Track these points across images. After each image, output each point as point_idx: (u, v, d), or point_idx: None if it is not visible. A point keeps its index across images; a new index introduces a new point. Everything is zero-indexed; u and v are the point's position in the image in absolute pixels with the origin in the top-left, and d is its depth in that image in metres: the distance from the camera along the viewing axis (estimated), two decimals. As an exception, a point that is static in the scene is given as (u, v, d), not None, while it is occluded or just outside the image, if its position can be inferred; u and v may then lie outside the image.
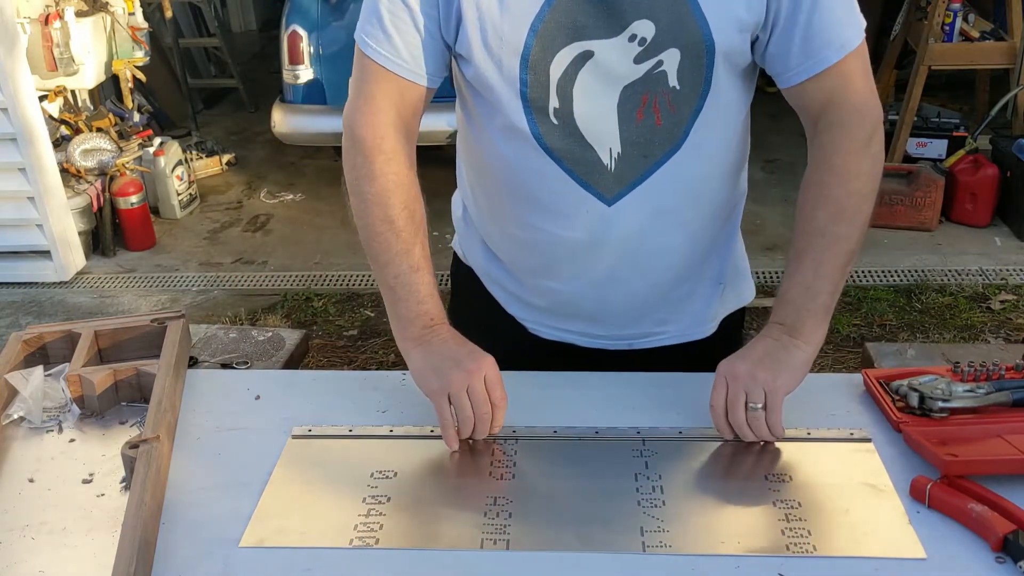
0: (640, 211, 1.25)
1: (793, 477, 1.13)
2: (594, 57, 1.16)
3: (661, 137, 1.21)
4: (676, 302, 1.39)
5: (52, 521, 1.10)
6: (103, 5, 4.48)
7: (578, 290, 1.35)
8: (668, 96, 1.18)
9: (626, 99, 1.18)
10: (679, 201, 1.27)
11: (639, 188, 1.24)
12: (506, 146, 1.25)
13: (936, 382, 1.23)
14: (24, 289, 4.04)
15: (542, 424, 1.25)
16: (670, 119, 1.20)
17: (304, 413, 1.29)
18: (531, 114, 1.20)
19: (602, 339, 1.41)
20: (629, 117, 1.19)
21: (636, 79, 1.17)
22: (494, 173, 1.31)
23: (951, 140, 4.30)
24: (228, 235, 4.54)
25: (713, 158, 1.28)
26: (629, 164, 1.22)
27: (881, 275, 3.83)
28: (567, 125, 1.20)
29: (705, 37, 1.15)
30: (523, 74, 1.17)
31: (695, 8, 1.14)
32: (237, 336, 2.12)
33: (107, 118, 4.45)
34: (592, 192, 1.24)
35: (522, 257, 1.38)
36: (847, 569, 0.99)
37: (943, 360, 1.80)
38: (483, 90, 1.23)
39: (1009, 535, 0.99)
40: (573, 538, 1.05)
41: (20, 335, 1.41)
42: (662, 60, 1.16)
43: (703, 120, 1.22)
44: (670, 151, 1.22)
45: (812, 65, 1.19)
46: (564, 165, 1.23)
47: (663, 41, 1.15)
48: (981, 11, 4.74)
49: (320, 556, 1.03)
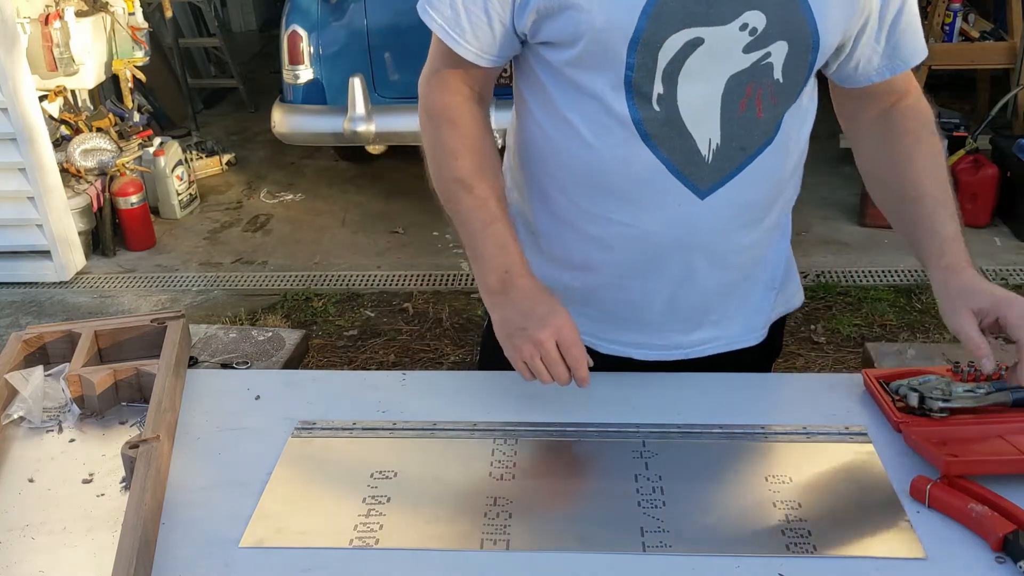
0: (729, 206, 1.25)
1: (793, 477, 1.13)
2: (704, 44, 1.14)
3: (759, 129, 1.22)
4: (736, 305, 1.37)
5: (52, 521, 1.10)
6: (103, 5, 4.48)
7: (654, 288, 1.32)
8: (771, 88, 1.19)
9: (731, 89, 1.18)
10: (765, 196, 1.29)
11: (732, 181, 1.23)
12: (595, 136, 1.22)
13: (936, 382, 1.23)
14: (24, 289, 4.04)
15: (542, 424, 1.25)
16: (770, 112, 1.21)
17: (304, 413, 1.29)
18: (632, 99, 1.18)
19: (661, 350, 1.38)
20: (732, 107, 1.19)
21: (743, 69, 1.17)
22: (578, 168, 1.26)
23: (951, 140, 4.30)
24: (228, 235, 4.55)
25: (793, 152, 1.30)
26: (726, 156, 1.22)
27: (881, 275, 3.83)
28: (669, 112, 1.18)
29: (812, 33, 1.16)
30: (630, 58, 1.15)
31: (804, 3, 1.15)
32: (237, 336, 2.12)
33: (107, 118, 4.45)
34: (686, 183, 1.22)
35: (593, 257, 1.32)
36: (847, 569, 0.99)
37: (943, 360, 1.80)
38: (580, 75, 1.20)
39: (1009, 535, 0.99)
40: (573, 538, 1.05)
41: (20, 335, 1.41)
42: (770, 52, 1.16)
43: (792, 114, 1.24)
44: (764, 144, 1.23)
45: (895, 66, 1.28)
46: (660, 154, 1.20)
47: (773, 33, 1.15)
48: (981, 11, 4.74)
49: (320, 556, 1.03)
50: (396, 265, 4.14)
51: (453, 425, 1.25)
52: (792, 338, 3.43)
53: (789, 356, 3.32)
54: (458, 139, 1.28)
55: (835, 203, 4.44)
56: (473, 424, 1.25)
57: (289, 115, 4.38)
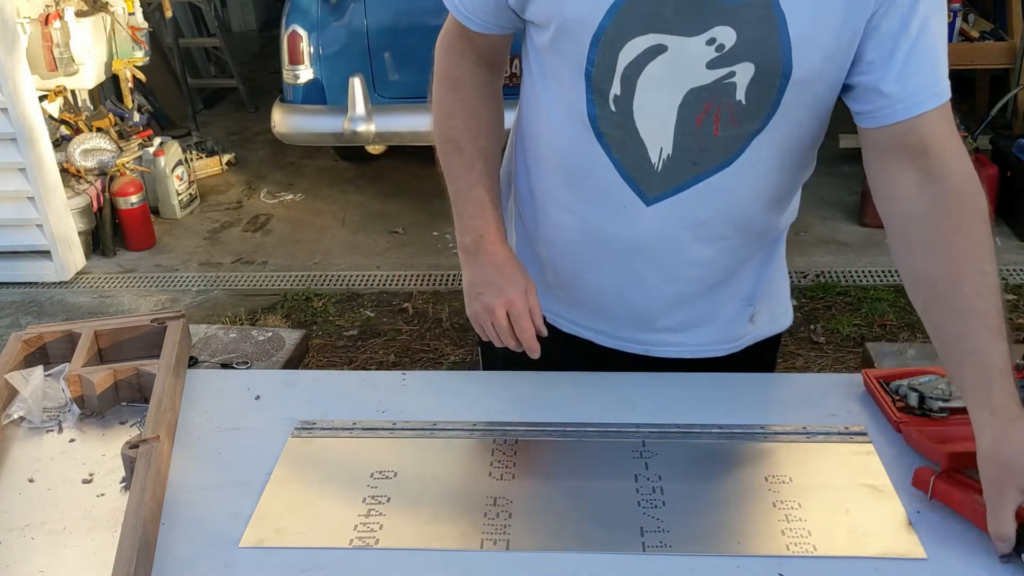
0: (676, 218, 1.23)
1: (793, 477, 1.13)
2: (667, 52, 1.12)
3: (715, 148, 1.18)
4: (699, 315, 1.36)
5: (52, 521, 1.10)
6: (103, 5, 4.48)
7: (601, 283, 1.33)
8: (732, 109, 1.14)
9: (689, 102, 1.15)
10: (718, 216, 1.24)
11: (681, 195, 1.21)
12: (563, 123, 1.23)
13: (936, 382, 1.23)
14: (24, 289, 4.04)
15: (542, 424, 1.25)
16: (729, 132, 1.16)
17: (304, 413, 1.29)
18: (591, 95, 1.18)
19: (619, 340, 1.40)
20: (688, 121, 1.16)
21: (704, 84, 1.13)
22: (547, 149, 1.29)
23: (951, 140, 4.30)
24: (228, 235, 4.55)
25: (763, 181, 1.23)
26: (677, 168, 1.20)
27: (881, 275, 3.83)
28: (623, 115, 1.17)
29: (784, 60, 1.10)
30: (591, 54, 1.14)
31: (783, 27, 1.08)
32: (237, 336, 2.12)
33: (107, 118, 4.45)
34: (633, 187, 1.22)
35: (555, 238, 1.35)
36: (847, 569, 0.99)
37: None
38: (551, 61, 1.21)
39: (1018, 528, 0.98)
40: (573, 538, 1.05)
41: (20, 335, 1.41)
42: (734, 71, 1.12)
43: (762, 142, 1.18)
44: (721, 165, 1.19)
45: (905, 108, 1.13)
46: (611, 154, 1.21)
47: (740, 52, 1.10)
48: (981, 11, 4.74)
49: (320, 556, 1.03)
50: (396, 265, 4.14)
51: (453, 425, 1.25)
52: (792, 338, 3.44)
53: (789, 356, 3.32)
54: (456, 100, 1.32)
55: (835, 203, 4.44)
56: (473, 424, 1.25)
57: (289, 115, 4.38)
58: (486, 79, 1.34)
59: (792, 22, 1.08)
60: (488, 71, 1.34)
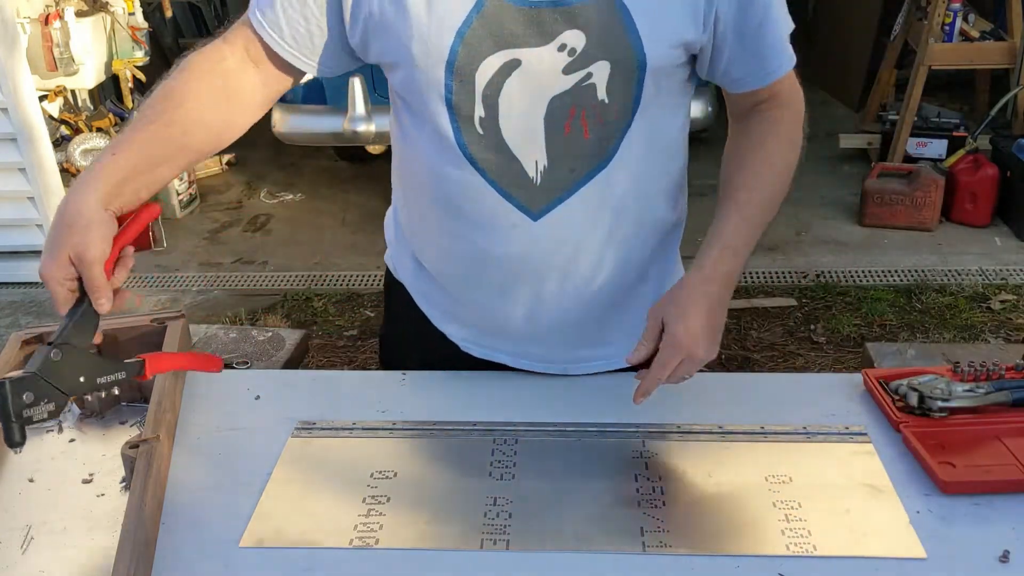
0: (567, 227, 1.22)
1: (793, 477, 1.13)
2: (521, 66, 1.13)
3: (589, 151, 1.18)
4: (611, 325, 1.34)
5: (52, 521, 1.10)
6: (103, 5, 4.48)
7: (507, 306, 1.31)
8: (597, 109, 1.15)
9: (554, 110, 1.15)
10: (608, 218, 1.24)
11: (566, 203, 1.21)
12: (434, 155, 1.22)
13: (936, 382, 1.23)
14: (24, 289, 4.04)
15: (542, 424, 1.25)
16: (598, 133, 1.17)
17: (304, 413, 1.29)
18: (456, 122, 1.18)
19: (535, 362, 1.37)
20: (557, 129, 1.16)
21: (565, 90, 1.14)
22: (424, 182, 1.28)
23: (951, 140, 4.30)
24: (228, 235, 4.54)
25: (644, 177, 1.24)
26: (556, 178, 1.19)
27: (881, 275, 3.83)
28: (492, 135, 1.17)
29: (636, 52, 1.12)
30: (448, 81, 1.14)
31: (628, 21, 1.11)
32: (237, 336, 2.12)
33: (107, 118, 4.45)
34: (517, 206, 1.21)
35: (451, 269, 1.34)
36: (847, 569, 0.99)
37: (943, 360, 1.80)
38: (410, 97, 1.21)
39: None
40: (573, 538, 1.05)
41: (20, 335, 1.41)
42: (591, 72, 1.13)
43: (633, 137, 1.19)
44: (598, 166, 1.19)
45: (764, 76, 1.23)
46: (488, 176, 1.20)
47: (593, 53, 1.12)
48: (981, 11, 4.73)
49: (320, 556, 1.03)
50: (396, 265, 4.13)
51: (453, 425, 1.25)
52: (792, 338, 3.44)
53: (789, 356, 3.32)
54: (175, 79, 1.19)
55: (835, 203, 4.44)
56: (473, 424, 1.25)
57: (289, 115, 4.37)
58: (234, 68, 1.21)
59: (636, 14, 1.11)
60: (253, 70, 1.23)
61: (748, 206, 1.22)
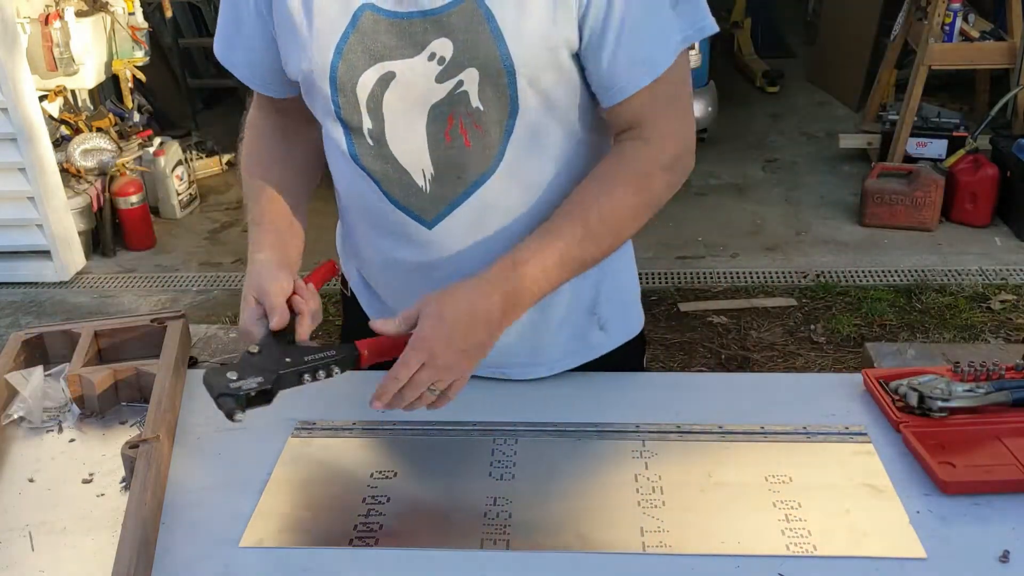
0: (463, 234, 1.22)
1: (793, 477, 1.13)
2: (396, 78, 1.14)
3: (473, 159, 1.17)
4: (542, 331, 1.32)
5: (52, 521, 1.10)
6: (103, 5, 4.48)
7: None
8: (473, 117, 1.15)
9: (433, 119, 1.16)
10: (505, 226, 1.22)
11: (458, 211, 1.21)
12: (339, 166, 1.28)
13: (936, 382, 1.23)
14: (24, 289, 4.04)
15: (542, 424, 1.25)
16: (480, 141, 1.16)
17: (304, 413, 1.29)
18: (349, 135, 1.20)
19: None
20: (438, 138, 1.17)
21: (440, 99, 1.14)
22: (340, 193, 1.34)
23: (951, 140, 4.30)
24: (228, 235, 4.54)
25: (538, 181, 1.21)
26: (444, 186, 1.20)
27: (881, 275, 3.83)
28: (381, 146, 1.19)
29: (503, 57, 1.11)
30: (334, 95, 1.17)
31: (492, 26, 1.10)
32: (237, 336, 2.12)
33: (107, 118, 4.45)
34: (410, 215, 1.22)
35: (375, 277, 1.39)
36: (847, 569, 0.99)
37: (943, 360, 1.80)
38: (313, 112, 1.25)
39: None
40: (573, 538, 1.05)
41: (20, 335, 1.41)
42: (462, 80, 1.13)
43: (518, 143, 1.17)
44: (486, 173, 1.18)
45: (617, 92, 1.15)
46: (381, 187, 1.22)
47: (461, 60, 1.12)
48: (981, 11, 4.74)
49: (320, 556, 1.03)
50: (396, 265, 4.13)
51: (453, 425, 1.25)
52: (792, 338, 3.44)
53: (789, 356, 3.32)
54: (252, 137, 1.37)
55: (835, 203, 4.44)
56: (473, 424, 1.25)
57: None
58: (279, 123, 1.36)
59: (499, 17, 1.10)
60: (283, 117, 1.36)
61: (555, 234, 1.14)
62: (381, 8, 1.12)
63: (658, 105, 1.16)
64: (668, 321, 3.58)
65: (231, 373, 1.06)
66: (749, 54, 6.38)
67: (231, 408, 1.03)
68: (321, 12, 1.14)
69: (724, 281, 3.86)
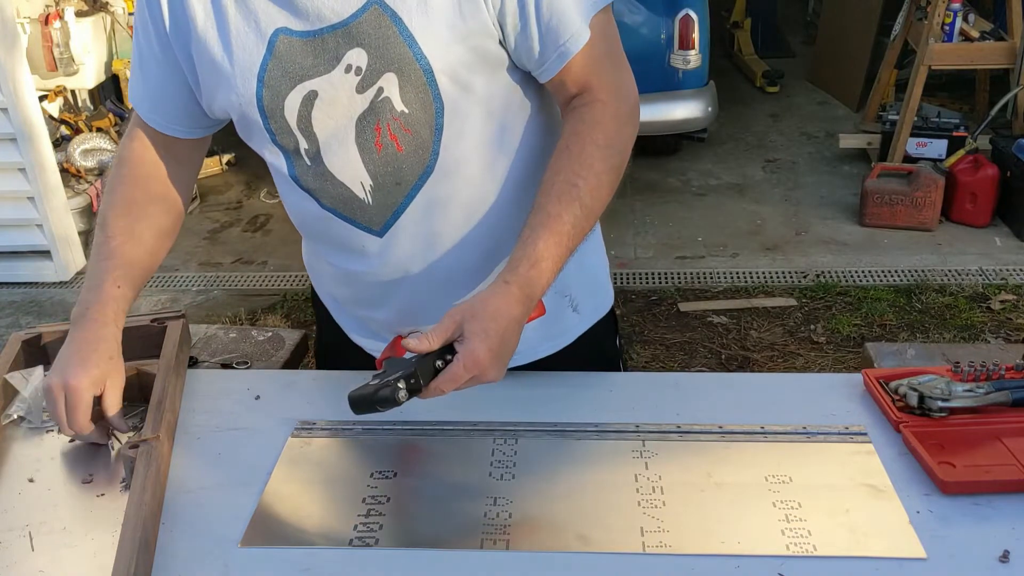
0: (414, 237, 1.23)
1: (793, 477, 1.13)
2: (319, 95, 1.16)
3: (408, 163, 1.19)
4: None
5: (52, 521, 1.10)
6: (103, 5, 4.48)
7: (394, 318, 1.32)
8: (400, 121, 1.16)
9: (361, 131, 1.17)
10: (452, 224, 1.23)
11: (404, 216, 1.22)
12: (284, 191, 1.30)
13: (936, 382, 1.23)
14: (24, 289, 4.04)
15: (542, 424, 1.25)
16: (411, 144, 1.18)
17: (304, 413, 1.29)
18: (288, 157, 1.22)
19: None
20: (369, 148, 1.18)
21: (365, 109, 1.16)
22: (291, 215, 1.35)
23: (951, 140, 4.30)
24: (228, 235, 4.55)
25: (478, 176, 1.22)
26: (385, 194, 1.21)
27: (881, 275, 3.83)
28: (318, 165, 1.20)
29: (417, 57, 1.12)
30: (264, 121, 1.19)
31: (401, 29, 1.11)
32: (237, 336, 2.12)
33: (107, 118, 4.45)
34: (359, 227, 1.24)
35: (336, 291, 1.40)
36: (847, 569, 0.99)
37: (943, 360, 1.80)
38: (249, 141, 1.26)
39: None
40: (573, 538, 1.05)
41: (20, 335, 1.41)
42: (381, 87, 1.14)
43: (452, 140, 1.18)
44: (423, 174, 1.20)
45: (555, 61, 1.15)
46: (324, 203, 1.24)
47: (378, 67, 1.13)
48: (981, 11, 4.74)
49: (320, 556, 1.03)
50: (396, 265, 4.13)
51: (453, 425, 1.25)
52: (792, 338, 3.44)
53: (789, 356, 3.32)
54: (117, 176, 1.32)
55: (834, 203, 4.44)
56: (473, 424, 1.25)
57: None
58: (155, 162, 1.32)
59: (406, 19, 1.11)
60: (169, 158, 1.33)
61: (558, 220, 1.13)
62: (294, 31, 1.14)
63: (598, 64, 1.17)
64: (668, 321, 3.58)
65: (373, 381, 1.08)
66: (749, 54, 6.38)
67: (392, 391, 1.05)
68: (238, 43, 1.16)
69: (724, 281, 3.86)
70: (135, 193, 1.30)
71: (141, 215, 1.30)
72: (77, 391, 1.15)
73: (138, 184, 1.31)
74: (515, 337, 1.10)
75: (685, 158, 5.06)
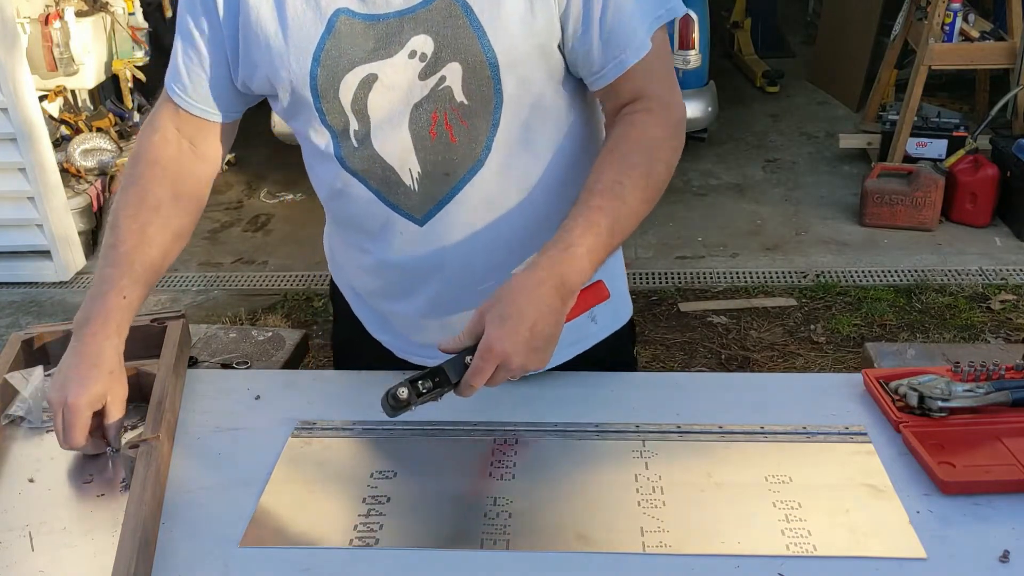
0: (454, 230, 1.23)
1: (793, 477, 1.13)
2: (379, 79, 1.15)
3: (460, 155, 1.18)
4: None
5: (52, 521, 1.10)
6: (103, 5, 4.48)
7: (420, 311, 1.32)
8: (458, 112, 1.16)
9: (417, 118, 1.17)
10: (494, 220, 1.23)
11: (447, 207, 1.21)
12: (325, 173, 1.27)
13: (936, 382, 1.23)
14: (24, 289, 4.04)
15: (542, 424, 1.25)
16: (465, 136, 1.17)
17: (304, 413, 1.29)
18: (335, 138, 1.21)
19: None
20: (423, 136, 1.18)
21: (423, 96, 1.15)
22: (325, 199, 1.34)
23: (951, 140, 4.30)
24: (228, 235, 4.54)
25: (527, 174, 1.22)
26: (432, 183, 1.20)
27: (881, 275, 3.83)
28: (367, 147, 1.20)
29: (485, 49, 1.12)
30: (317, 102, 1.18)
31: (472, 20, 1.11)
32: (237, 336, 2.12)
33: (107, 118, 4.45)
34: (400, 213, 1.23)
35: (363, 279, 1.38)
36: (847, 569, 0.99)
37: (943, 360, 1.80)
38: (293, 121, 1.25)
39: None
40: (573, 538, 1.05)
41: (20, 335, 1.41)
42: (444, 75, 1.14)
43: (505, 137, 1.18)
44: (473, 168, 1.19)
45: (613, 68, 1.16)
46: (370, 186, 1.23)
47: (443, 56, 1.13)
48: (981, 11, 4.74)
49: (320, 556, 1.03)
50: (396, 265, 4.13)
51: (453, 425, 1.25)
52: (792, 338, 3.44)
53: (789, 356, 3.32)
54: (131, 175, 1.28)
55: (835, 203, 4.44)
56: (473, 424, 1.25)
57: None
58: (176, 157, 1.29)
59: (478, 11, 1.11)
60: (190, 153, 1.31)
61: (599, 212, 1.11)
62: (356, 12, 1.13)
63: (654, 76, 1.18)
64: (668, 321, 3.58)
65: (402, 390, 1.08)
66: (749, 54, 6.38)
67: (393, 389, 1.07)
68: (295, 21, 1.15)
69: (724, 281, 3.86)
70: (149, 192, 1.27)
71: (154, 216, 1.26)
72: (76, 409, 1.15)
73: (153, 183, 1.27)
74: (545, 319, 1.06)
75: (685, 158, 4.99)
